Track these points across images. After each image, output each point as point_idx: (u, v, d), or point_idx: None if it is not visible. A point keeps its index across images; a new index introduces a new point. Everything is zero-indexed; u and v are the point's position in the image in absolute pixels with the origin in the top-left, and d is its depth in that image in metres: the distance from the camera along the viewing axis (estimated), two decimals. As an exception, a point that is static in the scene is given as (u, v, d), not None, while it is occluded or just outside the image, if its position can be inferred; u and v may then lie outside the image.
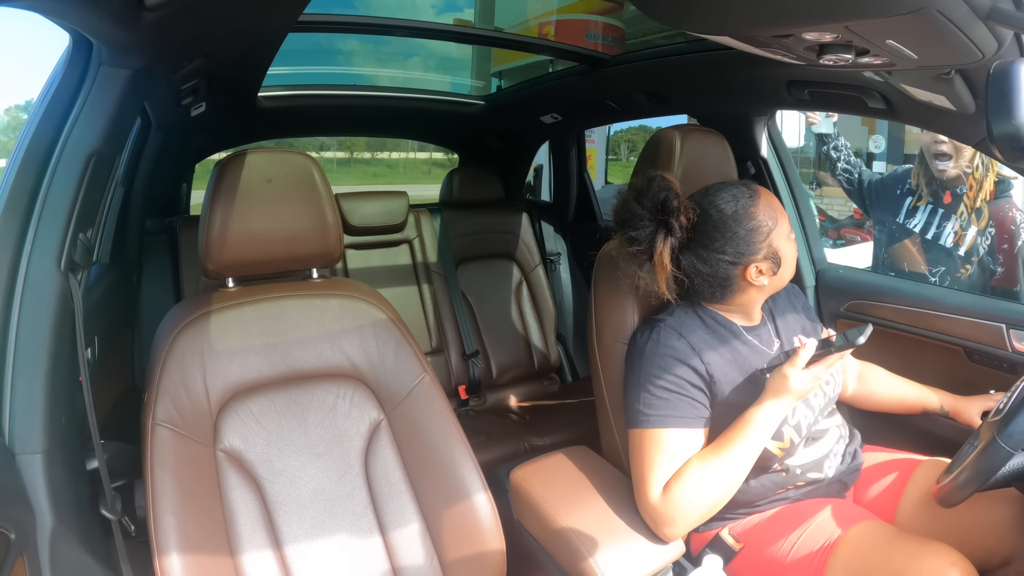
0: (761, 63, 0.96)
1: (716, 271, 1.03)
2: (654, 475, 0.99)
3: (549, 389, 2.29)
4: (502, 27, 4.62)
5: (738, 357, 1.06)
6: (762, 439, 0.99)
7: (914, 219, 1.81)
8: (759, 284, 1.04)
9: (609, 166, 6.32)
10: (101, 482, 0.87)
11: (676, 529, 0.99)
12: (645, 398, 1.02)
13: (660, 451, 1.00)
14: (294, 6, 1.01)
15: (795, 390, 0.97)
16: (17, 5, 0.66)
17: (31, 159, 0.82)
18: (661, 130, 1.29)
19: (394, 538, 1.00)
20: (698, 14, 0.76)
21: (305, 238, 1.04)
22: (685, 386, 1.02)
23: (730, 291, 1.06)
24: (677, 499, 0.97)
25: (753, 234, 1.02)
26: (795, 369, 0.97)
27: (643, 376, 1.03)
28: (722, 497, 0.98)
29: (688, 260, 1.05)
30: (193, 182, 2.39)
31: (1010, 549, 1.01)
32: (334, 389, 1.04)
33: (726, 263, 1.03)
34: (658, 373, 1.02)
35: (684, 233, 1.03)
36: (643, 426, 1.02)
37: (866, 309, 1.51)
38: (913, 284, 1.57)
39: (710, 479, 0.97)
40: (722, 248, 1.02)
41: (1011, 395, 0.91)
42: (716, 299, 1.08)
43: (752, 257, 1.02)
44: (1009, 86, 0.70)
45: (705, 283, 1.05)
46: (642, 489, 1.00)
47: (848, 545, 0.96)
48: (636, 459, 1.03)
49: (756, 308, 1.12)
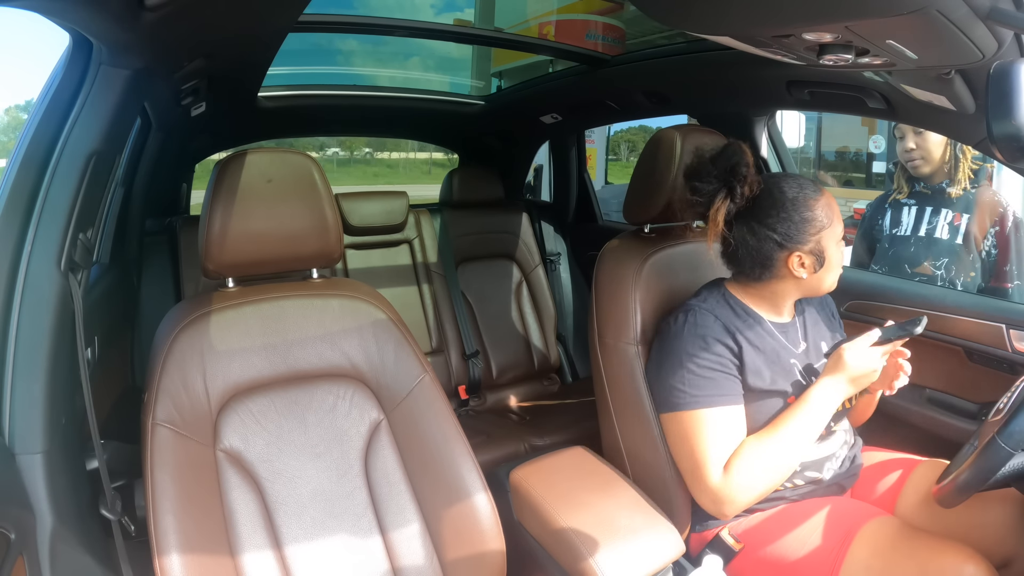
0: (761, 63, 0.96)
1: (762, 247, 1.05)
2: (712, 456, 1.00)
3: (549, 389, 2.29)
4: (502, 27, 4.62)
5: (765, 345, 1.07)
6: (820, 417, 1.01)
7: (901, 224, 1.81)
8: (797, 275, 1.05)
9: (609, 166, 6.31)
10: (101, 482, 0.87)
11: (737, 508, 1.01)
12: (690, 379, 1.03)
13: (713, 431, 1.01)
14: (294, 7, 1.01)
15: (852, 369, 0.99)
16: (17, 5, 0.66)
17: (31, 159, 0.82)
18: (661, 130, 1.29)
19: (394, 538, 1.00)
20: (698, 14, 0.76)
21: (305, 238, 1.04)
22: (727, 364, 1.04)
23: (768, 273, 1.07)
24: (740, 478, 0.99)
25: (806, 224, 1.03)
26: (854, 349, 1.00)
27: (684, 357, 1.04)
28: (782, 475, 1.01)
29: (740, 229, 1.06)
30: (193, 182, 2.39)
31: (1009, 550, 1.01)
32: (334, 389, 1.04)
33: (773, 242, 1.04)
34: (700, 353, 1.03)
35: (743, 202, 1.05)
36: (690, 407, 1.03)
37: (866, 309, 1.51)
38: (913, 284, 1.57)
39: (770, 457, 0.99)
40: (773, 226, 1.04)
41: (1011, 395, 0.91)
42: (753, 277, 1.08)
43: (798, 246, 1.04)
44: (1009, 86, 0.70)
45: (748, 256, 1.06)
46: (700, 471, 1.01)
47: (867, 541, 0.97)
48: (686, 442, 1.03)
49: (786, 303, 1.12)
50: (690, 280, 1.31)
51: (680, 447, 1.06)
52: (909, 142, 1.76)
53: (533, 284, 2.35)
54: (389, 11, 3.79)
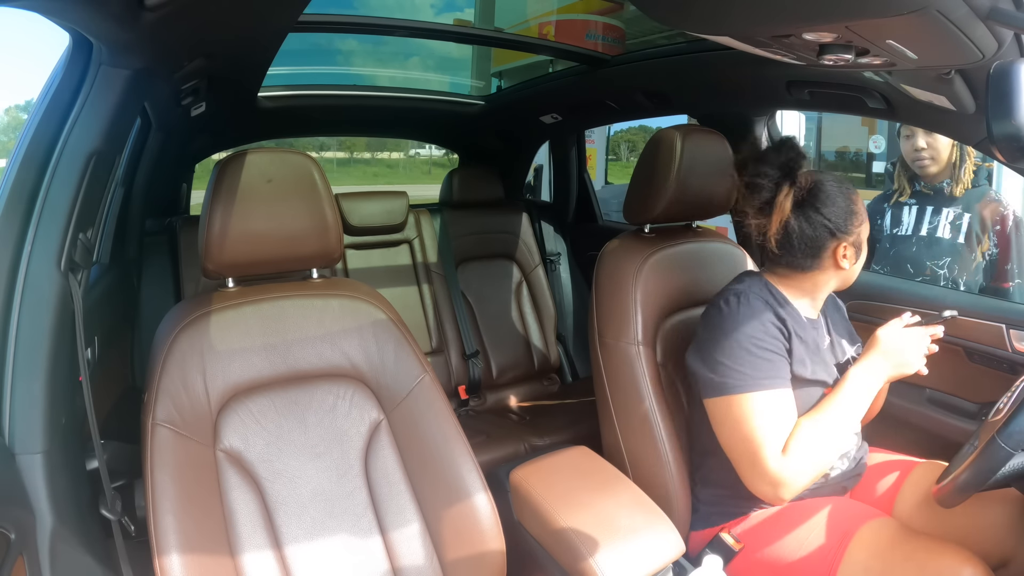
0: (761, 63, 0.96)
1: (816, 236, 1.07)
2: (771, 439, 1.00)
3: (549, 389, 2.29)
4: (502, 27, 4.61)
5: (806, 336, 1.09)
6: (865, 398, 1.04)
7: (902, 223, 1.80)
8: (841, 266, 1.09)
9: (609, 166, 6.30)
10: (101, 482, 0.87)
11: (794, 491, 1.01)
12: (749, 360, 1.03)
13: (773, 414, 1.01)
14: (294, 7, 1.01)
15: (891, 349, 1.05)
16: (17, 5, 0.66)
17: (31, 159, 0.82)
18: (661, 130, 1.29)
19: (394, 538, 1.00)
20: (698, 14, 0.76)
21: (305, 238, 1.04)
22: (780, 347, 1.05)
23: (816, 263, 1.09)
24: (799, 459, 0.99)
25: (853, 216, 1.08)
26: (890, 330, 1.06)
27: (744, 338, 1.04)
28: (833, 455, 1.03)
29: (797, 219, 1.08)
30: (193, 182, 2.39)
31: (1008, 551, 1.01)
32: (334, 389, 1.04)
33: (827, 231, 1.07)
34: (759, 335, 1.04)
35: (801, 192, 1.08)
36: (749, 389, 1.02)
37: (866, 309, 1.51)
38: (913, 284, 1.58)
39: (825, 437, 1.00)
40: (829, 216, 1.06)
41: (1011, 395, 0.91)
42: (801, 267, 1.10)
43: (846, 236, 1.07)
44: (1009, 86, 0.70)
45: (802, 244, 1.08)
46: (759, 455, 1.00)
47: (865, 542, 0.97)
48: (742, 426, 1.02)
49: (821, 296, 1.14)
50: (690, 280, 1.31)
51: (734, 432, 1.03)
52: (919, 141, 1.74)
53: (533, 284, 2.35)
54: (389, 11, 3.78)
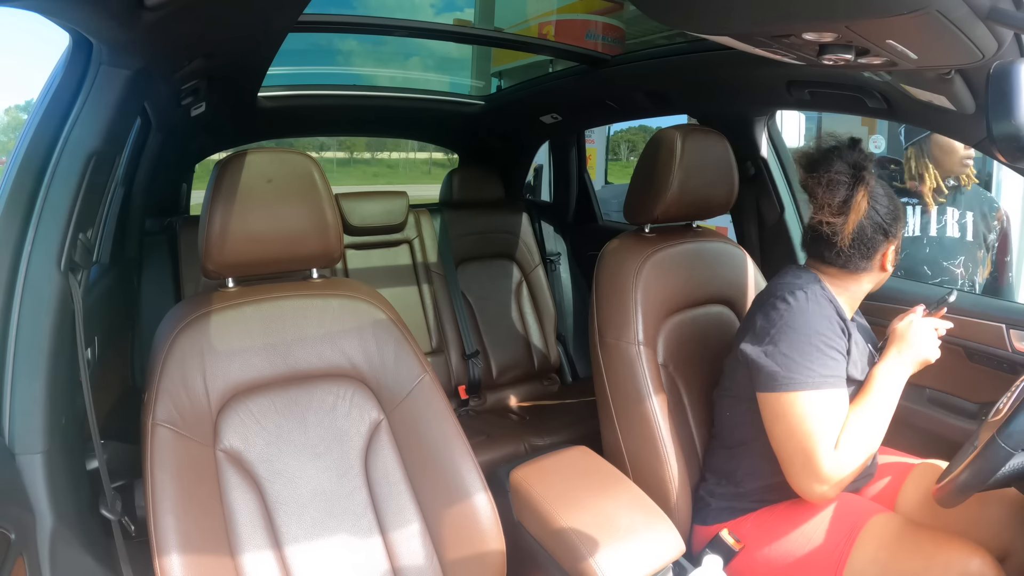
0: (761, 63, 0.96)
1: (876, 237, 1.08)
2: (827, 438, 1.00)
3: (549, 389, 2.29)
4: (502, 27, 4.61)
5: (857, 337, 1.10)
6: (896, 391, 1.06)
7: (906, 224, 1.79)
8: (887, 268, 1.11)
9: (609, 166, 6.30)
10: (101, 482, 0.87)
11: (839, 489, 1.02)
12: (819, 358, 1.02)
13: (834, 412, 1.02)
14: (294, 7, 1.01)
15: (913, 342, 1.06)
16: (17, 5, 0.66)
17: (31, 159, 0.82)
18: (662, 130, 1.29)
19: (394, 538, 1.00)
20: (698, 14, 0.76)
21: (305, 238, 1.04)
22: (844, 347, 1.06)
23: (867, 264, 1.10)
24: (848, 456, 1.00)
25: (899, 222, 1.10)
26: (906, 323, 1.08)
27: (814, 335, 1.03)
28: (873, 450, 1.04)
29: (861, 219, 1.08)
30: (193, 182, 2.39)
31: (1005, 546, 1.02)
32: (334, 389, 1.04)
33: (883, 231, 1.08)
34: (828, 334, 1.04)
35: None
36: (816, 387, 1.01)
37: (866, 309, 1.51)
38: (913, 284, 1.57)
39: (868, 432, 1.02)
40: (886, 216, 1.08)
41: (1011, 395, 0.91)
42: (855, 268, 1.10)
43: (895, 238, 1.10)
44: (1009, 86, 0.70)
45: (862, 244, 1.08)
46: (814, 453, 0.99)
47: (873, 535, 0.97)
48: (803, 423, 1.00)
49: (861, 300, 1.15)
50: (690, 280, 1.31)
51: (794, 428, 1.01)
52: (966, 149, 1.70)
53: (533, 284, 2.35)
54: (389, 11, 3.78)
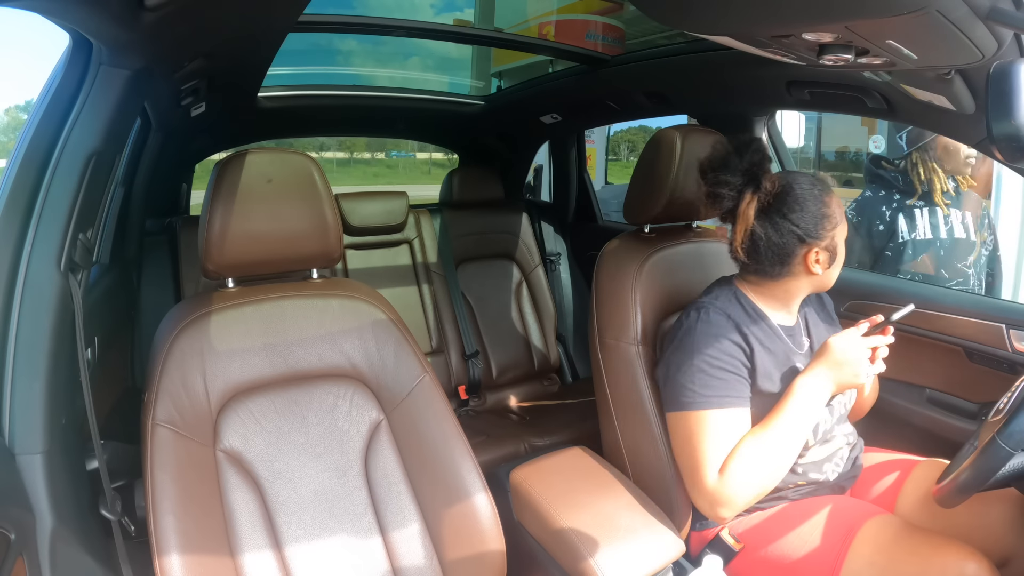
0: (761, 63, 0.96)
1: (785, 243, 1.05)
2: (711, 457, 1.00)
3: (549, 389, 2.29)
4: (502, 27, 4.62)
5: (776, 349, 1.08)
6: (811, 411, 1.01)
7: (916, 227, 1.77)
8: (814, 271, 1.07)
9: (609, 166, 6.31)
10: (101, 482, 0.87)
11: (733, 510, 1.00)
12: (700, 378, 1.03)
13: (718, 432, 1.01)
14: (294, 7, 1.01)
15: (837, 358, 1.01)
16: (17, 5, 0.66)
17: (31, 159, 0.82)
18: (661, 130, 1.29)
19: (394, 538, 1.00)
20: (698, 14, 0.76)
21: (305, 238, 1.04)
22: (738, 366, 1.04)
23: (786, 270, 1.07)
24: (736, 478, 0.98)
25: (824, 220, 1.05)
26: (840, 337, 1.02)
27: (696, 356, 1.04)
28: (777, 472, 1.01)
29: (763, 225, 1.06)
30: (193, 182, 2.39)
31: (1007, 549, 1.01)
32: (334, 389, 1.04)
33: (795, 237, 1.05)
34: (714, 353, 1.03)
35: (767, 198, 1.06)
36: (698, 407, 1.02)
37: (866, 309, 1.51)
38: (913, 284, 1.57)
39: (765, 455, 0.99)
40: (797, 221, 1.04)
41: (1011, 395, 0.91)
42: (771, 275, 1.08)
43: (817, 241, 1.05)
44: (1009, 86, 0.70)
45: (770, 252, 1.06)
46: (698, 472, 1.01)
47: (869, 538, 0.97)
48: (689, 442, 1.03)
49: (796, 302, 1.13)
50: (690, 280, 1.31)
51: (682, 447, 1.05)
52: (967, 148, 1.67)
53: (533, 284, 2.35)
54: (389, 11, 3.78)
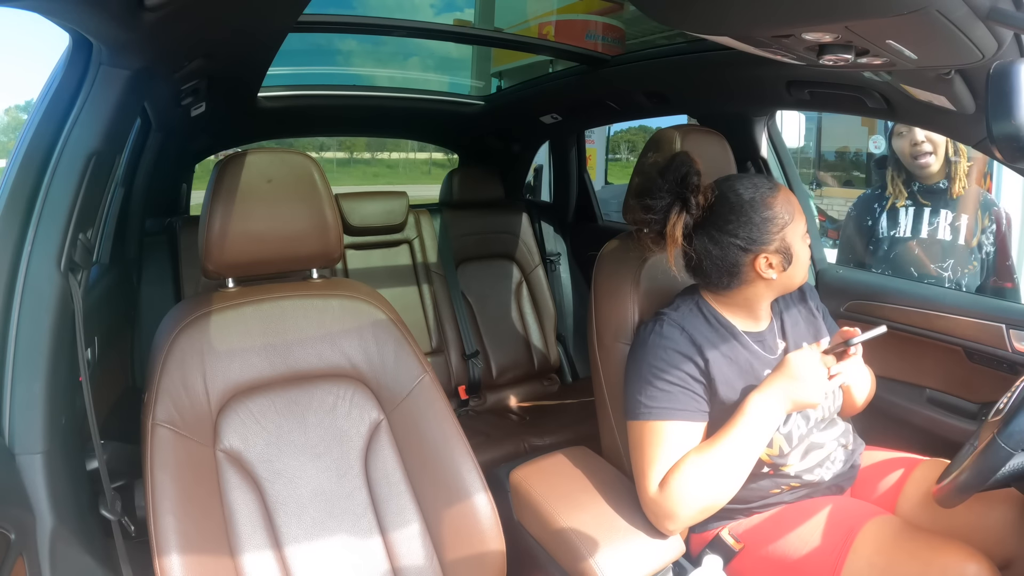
0: (761, 63, 0.96)
1: (726, 255, 1.02)
2: (654, 468, 0.99)
3: (549, 389, 2.29)
4: (502, 27, 4.62)
5: (739, 358, 1.06)
6: (762, 428, 0.97)
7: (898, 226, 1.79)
8: (767, 277, 1.03)
9: (609, 166, 6.31)
10: (101, 482, 0.87)
11: (676, 523, 0.98)
12: (647, 390, 1.02)
13: (661, 444, 1.00)
14: (294, 7, 1.01)
15: (798, 375, 0.96)
16: (17, 5, 0.66)
17: (31, 159, 0.82)
18: (661, 130, 1.29)
19: (394, 538, 1.00)
20: (698, 14, 0.76)
21: (305, 238, 1.04)
22: (687, 379, 1.02)
23: (737, 280, 1.04)
24: (676, 492, 0.97)
25: (768, 224, 1.01)
26: (800, 354, 0.97)
27: (645, 368, 1.03)
28: (723, 488, 0.97)
29: (701, 241, 1.04)
30: (193, 182, 2.39)
31: (1009, 552, 1.01)
32: (334, 389, 1.04)
33: (737, 248, 1.02)
34: (661, 365, 1.02)
35: (700, 211, 1.03)
36: (644, 418, 1.02)
37: (866, 309, 1.51)
38: (913, 284, 1.57)
39: (709, 471, 0.96)
40: (735, 232, 1.01)
41: (1011, 395, 0.91)
42: (723, 286, 1.06)
43: (763, 247, 1.01)
44: (1009, 86, 0.70)
45: (714, 267, 1.04)
46: (642, 482, 1.01)
47: (869, 539, 0.96)
48: (636, 452, 1.03)
49: (761, 307, 1.10)
50: (689, 281, 1.31)
51: (632, 456, 1.04)
52: (917, 134, 1.72)
53: (533, 284, 2.35)
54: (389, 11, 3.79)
